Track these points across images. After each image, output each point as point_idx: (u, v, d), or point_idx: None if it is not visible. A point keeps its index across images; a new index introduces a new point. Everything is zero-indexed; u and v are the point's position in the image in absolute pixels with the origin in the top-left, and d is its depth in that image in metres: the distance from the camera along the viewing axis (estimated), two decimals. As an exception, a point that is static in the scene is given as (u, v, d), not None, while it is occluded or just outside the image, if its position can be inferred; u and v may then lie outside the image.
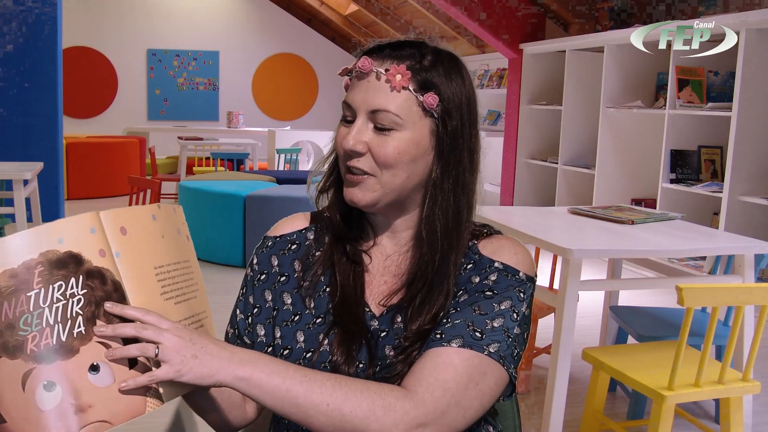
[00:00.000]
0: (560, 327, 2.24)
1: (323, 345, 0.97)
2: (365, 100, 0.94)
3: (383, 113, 0.93)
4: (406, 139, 0.93)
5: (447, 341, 0.89)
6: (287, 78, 11.30)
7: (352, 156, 0.95)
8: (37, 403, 0.74)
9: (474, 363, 0.87)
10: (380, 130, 0.94)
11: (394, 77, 0.93)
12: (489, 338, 0.89)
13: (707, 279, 2.76)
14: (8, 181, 4.13)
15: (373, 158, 0.94)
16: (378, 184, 0.95)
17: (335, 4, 10.13)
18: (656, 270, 4.90)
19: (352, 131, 0.94)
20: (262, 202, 4.87)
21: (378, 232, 1.04)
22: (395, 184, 0.95)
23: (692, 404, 2.80)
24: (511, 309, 0.93)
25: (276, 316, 1.03)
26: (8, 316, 0.74)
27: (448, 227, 0.96)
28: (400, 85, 0.93)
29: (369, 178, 0.95)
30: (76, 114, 10.35)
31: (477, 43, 7.92)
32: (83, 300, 0.77)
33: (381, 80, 0.93)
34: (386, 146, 0.93)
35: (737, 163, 4.21)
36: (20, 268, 0.75)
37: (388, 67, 0.94)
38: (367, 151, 0.94)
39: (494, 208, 3.34)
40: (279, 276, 1.06)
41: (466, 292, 0.96)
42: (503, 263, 0.97)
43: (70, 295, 0.76)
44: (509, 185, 6.78)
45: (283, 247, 1.07)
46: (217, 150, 8.28)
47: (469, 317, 0.91)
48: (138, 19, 10.68)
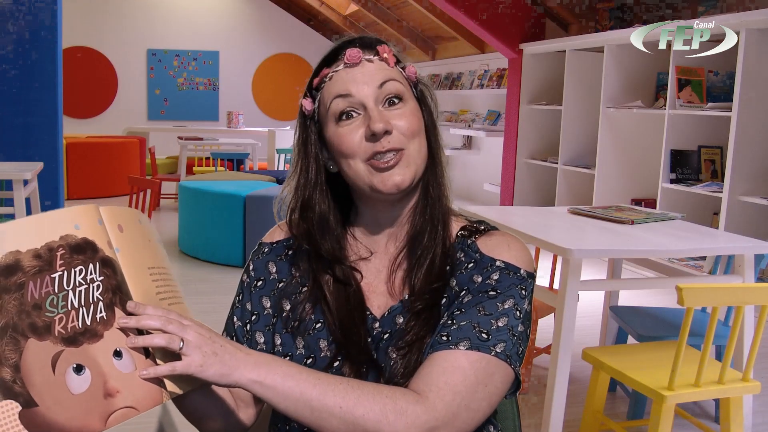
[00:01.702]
0: (560, 327, 2.24)
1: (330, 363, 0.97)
2: (368, 81, 0.96)
3: (391, 82, 0.97)
4: (413, 108, 0.99)
5: (454, 344, 0.89)
6: (287, 78, 11.30)
7: (380, 140, 0.95)
8: (68, 386, 0.74)
9: (482, 365, 0.88)
10: (392, 105, 0.97)
11: (385, 54, 0.99)
12: (495, 338, 0.90)
13: (707, 279, 2.76)
14: (8, 181, 4.13)
15: (399, 132, 0.96)
16: (409, 158, 0.97)
17: (335, 4, 10.13)
18: (656, 270, 4.90)
19: (373, 115, 0.94)
20: (262, 202, 4.87)
21: (374, 237, 1.04)
22: (421, 152, 0.99)
23: (692, 404, 2.80)
24: (514, 307, 0.93)
25: (275, 323, 1.03)
26: (34, 296, 0.74)
27: (440, 189, 1.02)
28: (392, 61, 0.99)
29: (400, 155, 0.96)
30: (76, 114, 10.35)
31: (477, 43, 7.92)
32: (102, 286, 0.78)
33: (374, 62, 0.98)
34: (405, 116, 0.97)
35: (737, 163, 4.21)
36: (43, 249, 0.75)
37: (375, 52, 0.99)
38: (393, 129, 0.96)
39: (494, 208, 3.34)
40: (277, 282, 1.05)
41: (470, 292, 0.96)
42: (504, 261, 0.97)
43: (90, 280, 0.77)
44: (509, 185, 6.78)
45: (280, 253, 1.07)
46: (217, 150, 8.28)
47: (475, 318, 0.91)
48: (138, 19, 10.68)
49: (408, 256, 1.01)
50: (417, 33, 9.31)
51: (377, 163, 0.95)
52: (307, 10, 11.08)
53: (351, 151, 0.96)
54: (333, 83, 0.97)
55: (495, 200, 7.20)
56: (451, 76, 8.56)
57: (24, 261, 0.74)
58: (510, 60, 6.66)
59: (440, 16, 7.66)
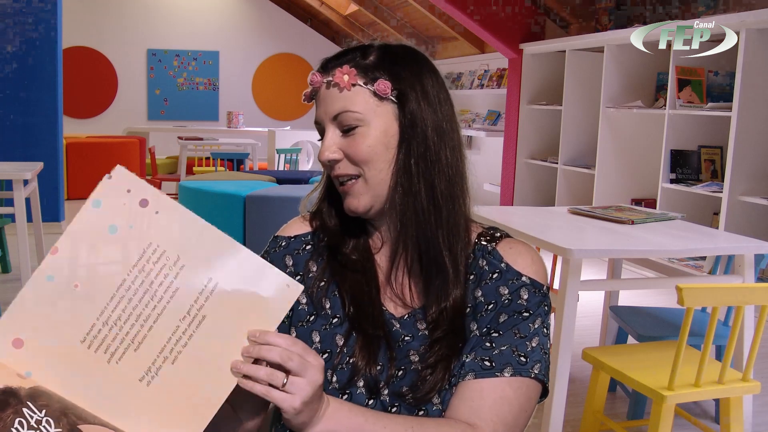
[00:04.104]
0: (560, 327, 2.24)
1: (343, 349, 0.98)
2: (325, 110, 0.97)
3: (343, 114, 0.96)
4: (374, 130, 0.95)
5: (499, 371, 0.93)
6: (287, 78, 11.30)
7: (332, 166, 0.97)
8: None
9: (523, 391, 0.94)
10: (347, 132, 0.96)
11: (341, 78, 0.95)
12: (532, 360, 0.94)
13: (707, 279, 2.76)
14: (8, 181, 4.13)
15: (350, 160, 0.96)
16: (365, 186, 0.97)
17: (335, 4, 10.13)
18: (656, 270, 4.90)
19: (324, 143, 0.97)
20: (262, 202, 4.87)
21: (384, 237, 1.05)
22: (380, 178, 0.96)
23: (692, 404, 2.80)
24: (542, 325, 0.97)
25: (291, 317, 1.03)
26: None
27: (424, 208, 0.96)
28: (349, 83, 0.95)
29: (356, 182, 0.97)
30: (76, 114, 10.35)
31: (477, 43, 7.92)
32: (50, 420, 0.72)
33: (331, 87, 0.97)
34: (356, 143, 0.95)
35: (737, 163, 4.21)
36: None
37: (333, 74, 0.96)
38: (343, 156, 0.97)
39: (494, 208, 3.34)
40: (294, 276, 1.04)
41: (499, 307, 0.97)
42: (530, 277, 0.98)
43: (36, 422, 0.71)
44: (509, 185, 6.78)
45: (297, 247, 1.07)
46: (217, 150, 8.28)
47: (513, 342, 0.95)
48: (138, 19, 10.68)
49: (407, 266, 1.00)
50: (417, 33, 9.31)
51: (339, 186, 1.00)
52: (307, 10, 11.08)
53: (326, 170, 1.01)
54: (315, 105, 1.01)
55: (495, 200, 7.20)
56: (451, 76, 8.56)
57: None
58: (510, 60, 6.66)
59: (440, 16, 7.66)
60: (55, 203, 5.84)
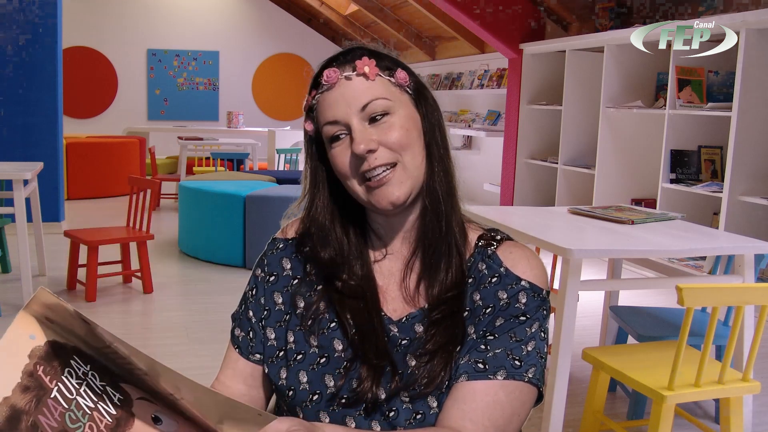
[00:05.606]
0: (560, 327, 2.24)
1: (347, 381, 0.96)
2: (350, 103, 0.95)
3: (373, 103, 0.95)
4: (403, 117, 0.96)
5: (492, 373, 0.92)
6: (287, 78, 11.30)
7: (367, 158, 0.94)
8: None
9: (516, 394, 0.93)
10: (378, 121, 0.95)
11: (363, 69, 0.95)
12: (526, 364, 0.94)
13: (707, 279, 2.76)
14: (8, 181, 4.13)
15: (388, 148, 0.95)
16: (404, 173, 0.96)
17: (335, 4, 10.13)
18: (656, 270, 4.90)
19: (355, 137, 0.94)
20: (262, 202, 4.87)
21: (387, 240, 1.04)
22: (417, 162, 0.97)
23: (692, 404, 2.80)
24: (539, 329, 0.97)
25: (289, 320, 1.02)
26: (53, 425, 0.70)
27: (447, 192, 1.00)
28: (373, 73, 0.96)
29: (394, 171, 0.95)
30: (76, 114, 10.36)
31: (477, 43, 7.92)
32: (96, 373, 0.74)
33: (353, 80, 0.95)
34: (392, 130, 0.95)
35: (737, 163, 4.21)
36: (25, 379, 0.71)
37: (353, 67, 0.96)
38: (378, 146, 0.94)
39: (494, 208, 3.34)
40: (291, 279, 1.05)
41: (497, 311, 0.96)
42: (529, 282, 0.98)
43: (83, 374, 0.73)
44: (509, 185, 6.78)
45: (295, 250, 1.06)
46: (217, 150, 8.28)
47: (508, 345, 0.94)
48: (138, 19, 10.68)
49: (422, 259, 1.01)
50: (417, 33, 9.31)
51: (370, 183, 0.95)
52: (307, 10, 11.08)
53: (345, 172, 0.97)
54: (321, 107, 0.98)
55: (495, 200, 7.20)
56: (451, 76, 8.56)
57: (18, 402, 0.70)
58: (510, 60, 6.66)
59: (440, 16, 7.66)
60: (55, 203, 5.84)
